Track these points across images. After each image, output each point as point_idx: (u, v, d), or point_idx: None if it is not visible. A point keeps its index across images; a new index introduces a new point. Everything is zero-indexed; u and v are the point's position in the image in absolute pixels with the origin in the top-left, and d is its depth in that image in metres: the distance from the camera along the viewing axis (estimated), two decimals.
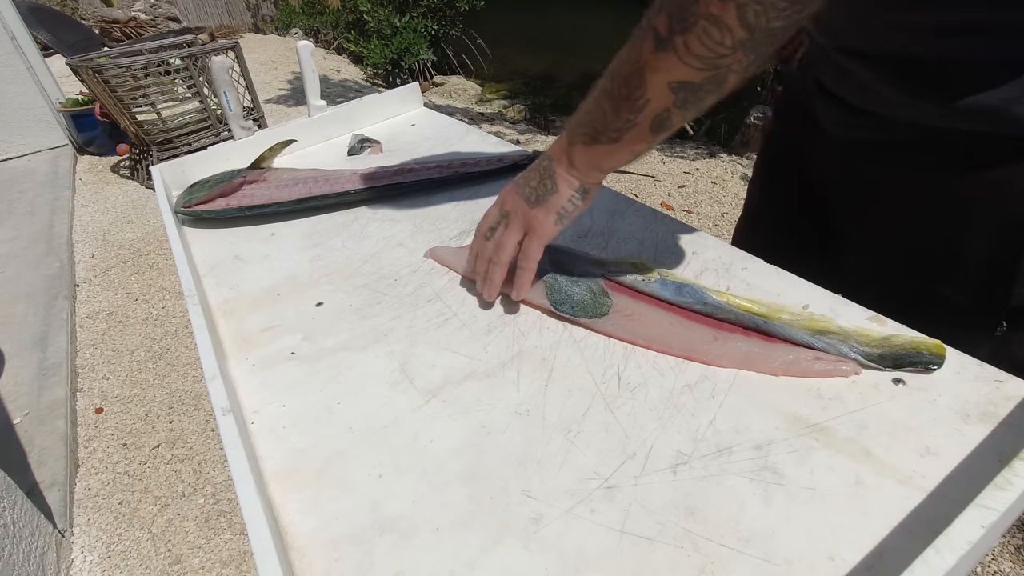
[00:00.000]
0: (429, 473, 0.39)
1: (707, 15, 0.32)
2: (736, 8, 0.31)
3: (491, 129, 3.79)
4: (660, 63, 0.36)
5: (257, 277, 0.62)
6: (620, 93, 0.38)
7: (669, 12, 0.34)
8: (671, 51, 0.35)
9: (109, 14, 5.69)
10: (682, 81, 0.36)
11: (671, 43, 0.34)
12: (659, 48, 0.35)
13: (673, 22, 0.34)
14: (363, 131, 0.94)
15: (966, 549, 0.27)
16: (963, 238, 0.49)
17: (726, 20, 0.32)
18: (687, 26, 0.33)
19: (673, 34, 0.34)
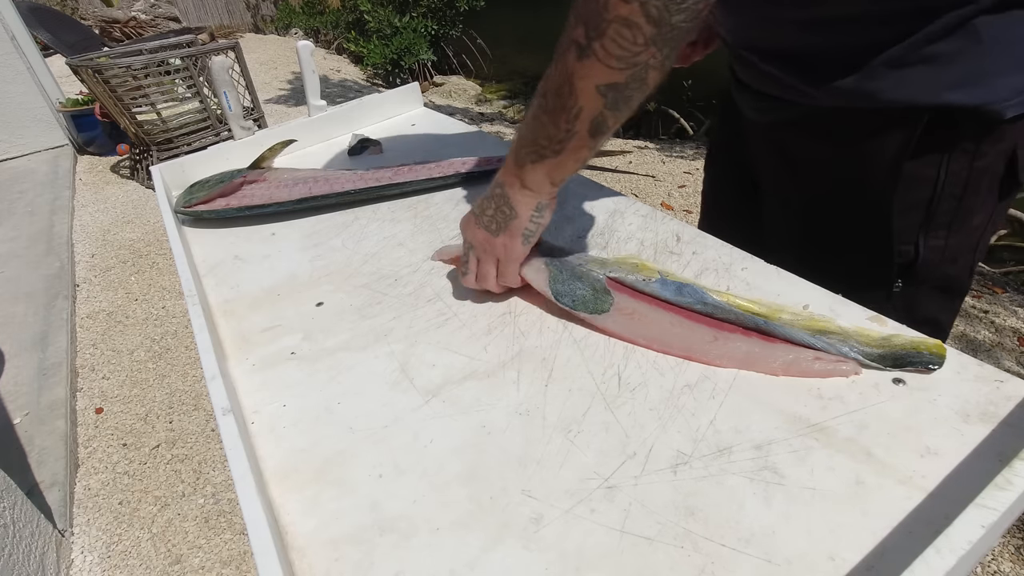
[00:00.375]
0: (429, 473, 0.39)
1: (616, 18, 0.35)
2: (640, 6, 0.34)
3: (491, 129, 3.79)
4: (584, 70, 0.38)
5: (257, 277, 0.62)
6: (555, 105, 0.41)
7: (584, 21, 0.37)
8: (592, 56, 0.37)
9: (109, 14, 5.69)
10: (608, 83, 0.38)
11: (591, 49, 0.37)
12: (581, 56, 0.38)
13: (589, 30, 0.37)
14: (363, 131, 0.94)
15: (966, 549, 0.27)
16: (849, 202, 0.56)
17: (633, 19, 0.35)
18: (601, 31, 0.36)
19: (591, 40, 0.37)
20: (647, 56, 0.37)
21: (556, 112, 0.41)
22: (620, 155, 1.19)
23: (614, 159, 2.73)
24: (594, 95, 0.39)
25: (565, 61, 0.39)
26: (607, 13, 0.36)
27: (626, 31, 0.36)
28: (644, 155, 3.03)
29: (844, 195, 0.56)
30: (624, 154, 1.53)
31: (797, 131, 0.57)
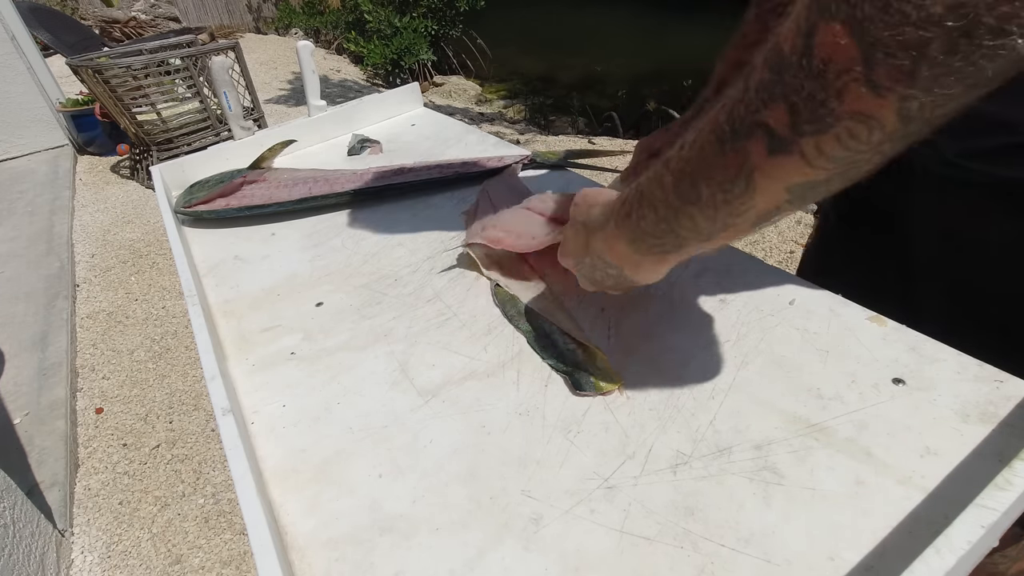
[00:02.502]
0: (429, 473, 0.39)
1: (853, 113, 0.24)
2: (897, 101, 0.23)
3: (491, 129, 3.79)
4: (777, 168, 0.28)
5: (257, 277, 0.62)
6: (714, 199, 0.31)
7: (791, 106, 0.25)
8: (795, 155, 0.26)
9: (109, 14, 5.70)
10: (804, 183, 0.28)
11: (795, 145, 0.26)
12: (776, 151, 0.27)
13: (799, 121, 0.25)
14: (363, 131, 0.94)
15: (966, 549, 0.27)
16: None
17: (879, 117, 0.24)
18: (823, 127, 0.25)
19: (799, 135, 0.26)
20: (872, 155, 0.26)
21: (715, 207, 0.31)
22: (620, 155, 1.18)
23: (614, 159, 2.73)
24: (779, 193, 0.29)
25: (745, 152, 0.28)
26: (840, 105, 0.24)
27: (862, 129, 0.24)
28: None
29: None
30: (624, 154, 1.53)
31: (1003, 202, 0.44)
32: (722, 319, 0.48)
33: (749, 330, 0.46)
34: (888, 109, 0.23)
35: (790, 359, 0.43)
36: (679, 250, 0.35)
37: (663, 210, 0.34)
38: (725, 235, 0.33)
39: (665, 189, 0.33)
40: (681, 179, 0.32)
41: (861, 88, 0.23)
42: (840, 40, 0.23)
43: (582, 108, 4.38)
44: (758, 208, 0.30)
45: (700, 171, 0.31)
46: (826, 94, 0.24)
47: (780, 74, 0.25)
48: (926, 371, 0.41)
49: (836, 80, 0.23)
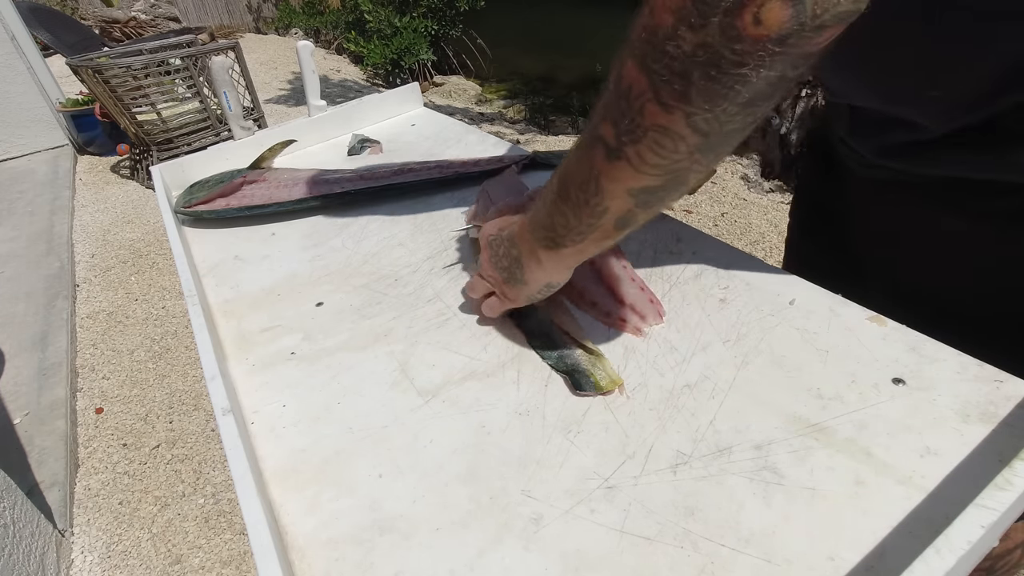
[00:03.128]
0: (429, 473, 0.39)
1: (654, 126, 0.30)
2: (684, 117, 0.29)
3: (491, 129, 3.79)
4: (615, 172, 0.34)
5: (257, 277, 0.62)
6: (578, 199, 0.37)
7: (614, 121, 0.32)
8: (623, 160, 0.32)
9: (109, 14, 5.70)
10: (641, 187, 0.34)
11: (622, 153, 0.32)
12: (611, 158, 0.33)
13: (620, 132, 0.32)
14: (363, 131, 0.94)
15: (966, 549, 0.27)
16: None
17: (675, 129, 0.30)
18: (635, 137, 0.31)
19: (623, 145, 0.32)
20: (690, 163, 0.32)
21: (579, 206, 0.37)
22: None
23: None
24: (624, 196, 0.35)
25: (591, 158, 0.34)
26: (643, 119, 0.30)
27: (666, 140, 0.30)
28: None
29: None
30: None
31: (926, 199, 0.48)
32: (722, 319, 0.48)
33: (749, 330, 0.46)
34: (679, 122, 0.29)
35: (790, 359, 0.43)
36: (557, 245, 0.41)
37: (548, 204, 0.40)
38: (594, 236, 0.38)
39: (552, 187, 0.39)
40: (560, 180, 0.38)
41: (654, 106, 0.29)
42: (634, 72, 0.29)
43: (582, 108, 4.38)
44: (611, 210, 0.36)
45: (569, 174, 0.37)
46: (632, 111, 0.30)
47: (607, 97, 0.32)
48: (926, 371, 0.41)
49: (636, 101, 0.30)
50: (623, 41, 0.30)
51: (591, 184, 0.35)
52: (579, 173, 0.36)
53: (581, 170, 0.36)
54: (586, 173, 0.35)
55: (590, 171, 0.35)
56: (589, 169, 0.35)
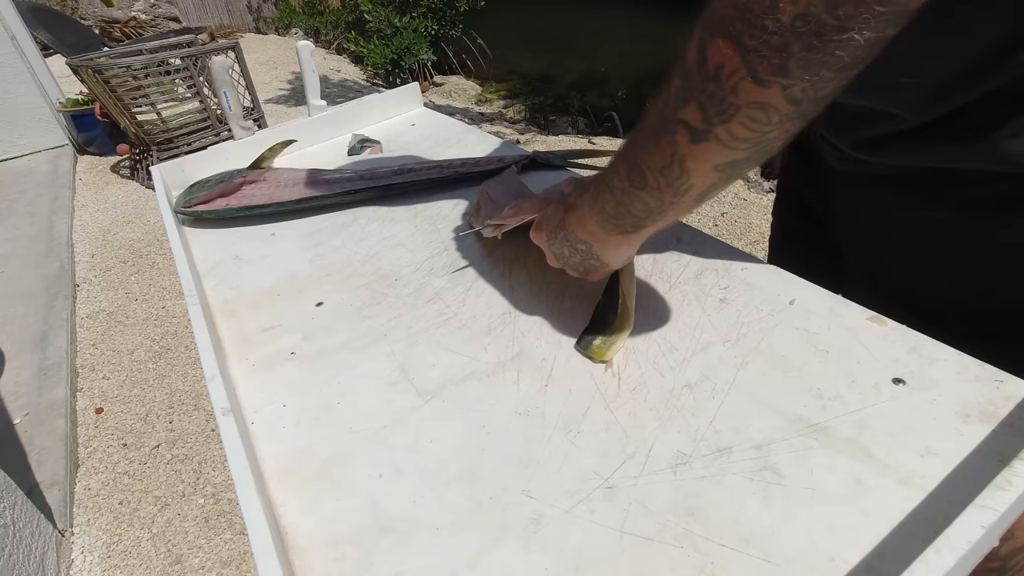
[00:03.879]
0: (429, 473, 0.39)
1: (749, 103, 0.30)
2: (781, 89, 0.29)
3: (491, 129, 3.79)
4: (702, 153, 0.34)
5: (257, 277, 0.62)
6: (658, 183, 0.37)
7: (700, 104, 0.32)
8: (712, 141, 0.33)
9: (109, 14, 5.70)
10: (728, 162, 0.34)
11: (711, 134, 0.32)
12: (697, 140, 0.33)
13: (709, 114, 0.32)
14: (363, 131, 0.94)
15: (966, 549, 0.27)
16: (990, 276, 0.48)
17: (771, 103, 0.30)
18: (728, 116, 0.31)
19: (712, 126, 0.32)
20: (779, 132, 0.32)
21: (660, 189, 0.37)
22: None
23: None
24: (710, 173, 0.35)
25: (673, 144, 0.34)
26: (736, 98, 0.30)
27: (759, 114, 0.31)
28: None
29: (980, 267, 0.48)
30: None
31: (906, 190, 0.49)
32: (722, 319, 0.48)
33: (749, 330, 0.46)
34: (775, 96, 0.29)
35: (790, 359, 0.43)
36: (638, 229, 0.41)
37: (620, 195, 0.40)
38: (674, 211, 0.39)
39: (620, 177, 0.39)
40: (631, 169, 0.38)
41: (749, 83, 0.29)
42: (725, 51, 0.29)
43: (582, 108, 4.38)
44: (696, 187, 0.36)
45: (644, 161, 0.37)
46: (723, 91, 0.30)
47: (688, 80, 0.32)
48: (926, 371, 0.41)
49: (729, 80, 0.30)
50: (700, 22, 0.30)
51: (673, 168, 0.35)
52: (657, 159, 0.36)
53: (659, 156, 0.36)
54: (667, 158, 0.35)
55: (672, 156, 0.35)
56: (671, 154, 0.35)
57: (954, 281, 0.50)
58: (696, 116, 0.32)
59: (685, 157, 0.34)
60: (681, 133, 0.33)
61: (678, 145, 0.34)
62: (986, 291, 0.48)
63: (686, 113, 0.32)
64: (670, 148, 0.35)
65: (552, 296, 0.54)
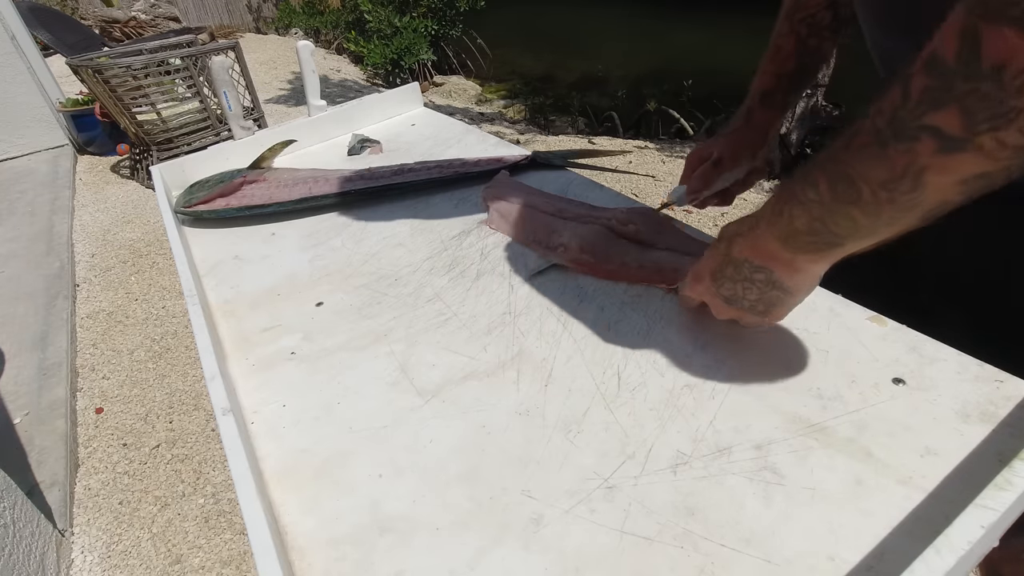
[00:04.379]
0: (429, 473, 0.39)
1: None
2: None
3: (491, 129, 3.79)
4: (951, 164, 0.29)
5: (257, 277, 0.62)
6: (878, 198, 0.32)
7: (965, 108, 0.27)
8: (971, 151, 0.28)
9: (109, 14, 5.70)
10: (979, 173, 0.29)
11: (972, 143, 0.27)
12: (950, 150, 0.28)
13: (975, 121, 0.27)
14: (363, 131, 0.94)
15: (966, 549, 0.27)
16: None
17: None
18: (1003, 122, 0.26)
19: (975, 134, 0.27)
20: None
21: (878, 204, 0.32)
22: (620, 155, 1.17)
23: (614, 159, 2.73)
24: (951, 188, 0.30)
25: (911, 152, 0.29)
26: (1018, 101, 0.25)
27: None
28: (644, 155, 3.03)
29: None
30: (624, 154, 1.54)
31: None
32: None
33: (749, 330, 0.46)
34: None
35: (790, 359, 0.43)
36: (835, 248, 0.36)
37: (817, 210, 0.35)
38: (889, 230, 0.34)
39: (820, 191, 0.34)
40: (837, 181, 0.33)
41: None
42: (1013, 42, 0.24)
43: (582, 108, 4.38)
44: (927, 202, 0.31)
45: (859, 173, 0.32)
46: (1004, 93, 0.25)
47: (946, 79, 0.26)
48: (926, 371, 0.41)
49: (1014, 80, 0.24)
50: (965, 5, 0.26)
51: (904, 181, 0.30)
52: (881, 172, 0.31)
53: (885, 168, 0.31)
54: (898, 171, 0.30)
55: (906, 168, 0.30)
56: (905, 166, 0.30)
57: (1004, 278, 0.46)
58: (955, 123, 0.27)
59: (926, 170, 0.29)
60: (925, 142, 0.28)
61: (918, 155, 0.29)
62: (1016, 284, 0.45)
63: (939, 119, 0.28)
64: (904, 159, 0.30)
65: (552, 296, 0.54)
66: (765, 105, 0.60)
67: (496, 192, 0.68)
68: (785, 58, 0.57)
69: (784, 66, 0.58)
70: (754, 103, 0.60)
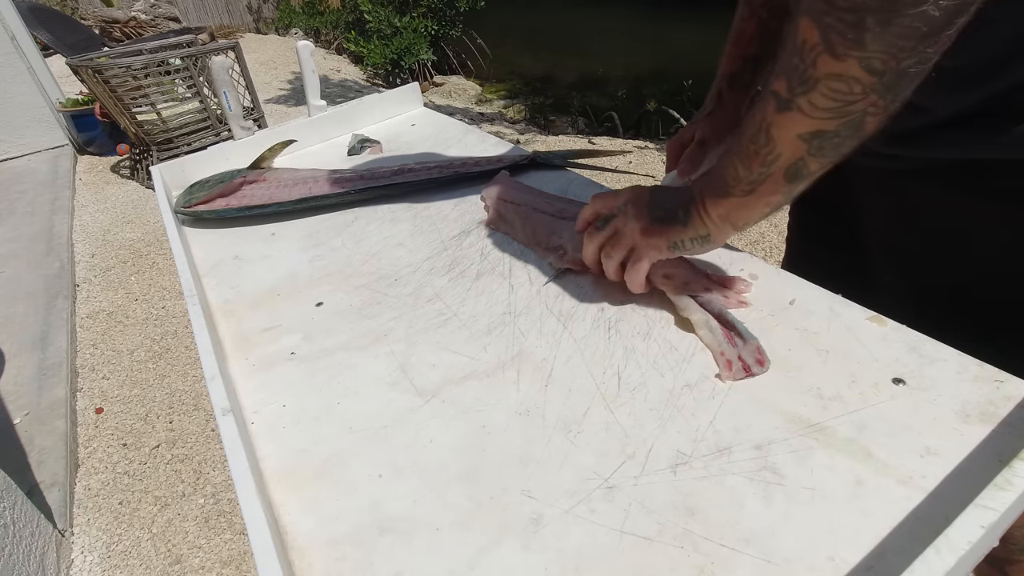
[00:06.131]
0: (429, 473, 0.39)
1: (827, 75, 0.33)
2: (858, 61, 0.31)
3: (491, 129, 3.79)
4: (784, 120, 0.36)
5: (257, 277, 0.62)
6: (748, 150, 0.39)
7: (787, 76, 0.35)
8: (795, 110, 0.35)
9: (109, 14, 5.70)
10: (812, 131, 0.36)
11: (794, 103, 0.35)
12: (782, 108, 0.36)
13: (793, 84, 0.34)
14: (363, 131, 0.94)
15: (966, 549, 0.27)
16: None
17: (850, 74, 0.32)
18: (808, 87, 0.34)
19: (795, 96, 0.35)
20: (865, 104, 0.33)
21: (750, 156, 0.39)
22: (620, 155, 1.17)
23: (614, 159, 2.73)
24: (795, 142, 0.37)
25: (764, 111, 0.37)
26: (815, 70, 0.33)
27: (840, 85, 0.33)
28: (644, 155, 3.03)
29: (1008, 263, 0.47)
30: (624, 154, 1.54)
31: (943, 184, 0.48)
32: None
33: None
34: (853, 67, 0.32)
35: (790, 359, 0.43)
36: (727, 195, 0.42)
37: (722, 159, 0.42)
38: (763, 186, 0.40)
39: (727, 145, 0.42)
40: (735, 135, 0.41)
41: (827, 57, 0.32)
42: (807, 28, 0.32)
43: (582, 108, 4.38)
44: (783, 157, 0.38)
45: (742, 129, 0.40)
46: (805, 64, 0.33)
47: (782, 57, 0.35)
48: (926, 371, 0.41)
49: (809, 54, 0.33)
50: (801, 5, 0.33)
51: (761, 134, 0.38)
52: (750, 126, 0.39)
53: (752, 123, 0.39)
54: (757, 125, 0.38)
55: (761, 122, 0.38)
56: (760, 121, 0.38)
57: (991, 274, 0.49)
58: (783, 86, 0.35)
59: (771, 124, 0.37)
60: (770, 102, 0.37)
61: (767, 113, 0.37)
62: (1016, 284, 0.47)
63: (776, 84, 0.36)
64: (760, 115, 0.38)
65: (552, 296, 0.54)
66: (734, 88, 0.61)
67: (496, 192, 0.68)
68: (748, 42, 0.59)
69: (748, 49, 0.59)
70: (723, 85, 0.61)
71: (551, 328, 0.50)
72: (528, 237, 0.61)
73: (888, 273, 0.58)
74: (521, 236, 0.62)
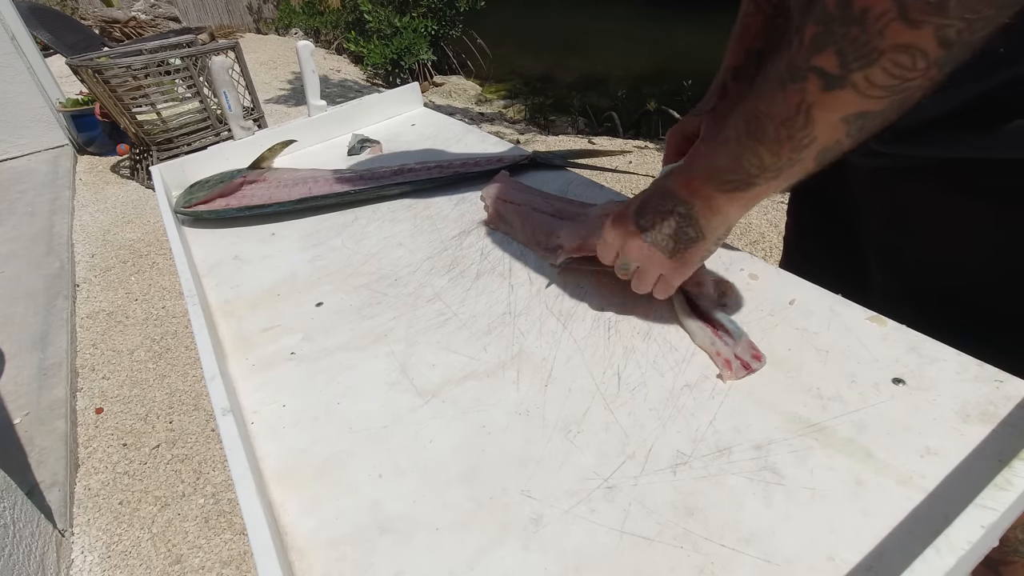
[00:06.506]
0: (429, 473, 0.39)
1: (895, 46, 0.29)
2: (934, 30, 0.28)
3: (491, 129, 3.79)
4: (833, 101, 0.33)
5: (257, 277, 0.62)
6: (778, 135, 0.36)
7: (840, 49, 0.31)
8: (848, 88, 0.32)
9: (109, 14, 5.70)
10: (859, 112, 0.33)
11: (847, 80, 0.31)
12: (830, 87, 0.32)
13: (848, 59, 0.31)
14: (363, 131, 0.94)
15: (966, 549, 0.27)
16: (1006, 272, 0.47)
17: (920, 46, 0.29)
18: (868, 61, 0.30)
19: (850, 72, 0.31)
20: (923, 80, 0.30)
21: (779, 142, 0.36)
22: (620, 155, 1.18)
23: (614, 159, 2.73)
24: (837, 125, 0.34)
25: (801, 92, 0.33)
26: (881, 41, 0.29)
27: (905, 59, 0.29)
28: (644, 155, 3.03)
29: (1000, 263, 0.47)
30: (624, 154, 1.54)
31: (935, 183, 0.48)
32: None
33: (749, 330, 0.46)
34: (926, 38, 0.28)
35: (790, 359, 0.43)
36: (749, 187, 0.39)
37: (734, 147, 0.38)
38: (791, 171, 0.37)
39: (737, 129, 0.38)
40: (749, 119, 0.37)
41: (899, 24, 0.28)
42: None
43: (582, 108, 4.38)
44: (819, 141, 0.35)
45: (764, 112, 0.36)
46: (868, 34, 0.29)
47: (827, 26, 0.31)
48: (926, 371, 0.41)
49: (876, 23, 0.29)
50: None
51: (798, 118, 0.34)
52: (781, 110, 0.35)
53: (784, 107, 0.35)
54: (792, 108, 0.34)
55: (799, 105, 0.34)
56: (796, 102, 0.34)
57: (987, 272, 0.49)
58: (832, 62, 0.31)
59: (813, 106, 0.33)
60: (813, 80, 0.32)
61: (807, 93, 0.33)
62: (1014, 282, 0.47)
63: (821, 60, 0.32)
64: (797, 96, 0.33)
65: (552, 296, 0.54)
66: (738, 80, 0.61)
67: (496, 192, 0.68)
68: (753, 36, 0.59)
69: (752, 44, 0.59)
70: (727, 79, 0.61)
71: (551, 328, 0.50)
72: (528, 237, 0.61)
73: (880, 273, 0.58)
74: (521, 236, 0.62)
